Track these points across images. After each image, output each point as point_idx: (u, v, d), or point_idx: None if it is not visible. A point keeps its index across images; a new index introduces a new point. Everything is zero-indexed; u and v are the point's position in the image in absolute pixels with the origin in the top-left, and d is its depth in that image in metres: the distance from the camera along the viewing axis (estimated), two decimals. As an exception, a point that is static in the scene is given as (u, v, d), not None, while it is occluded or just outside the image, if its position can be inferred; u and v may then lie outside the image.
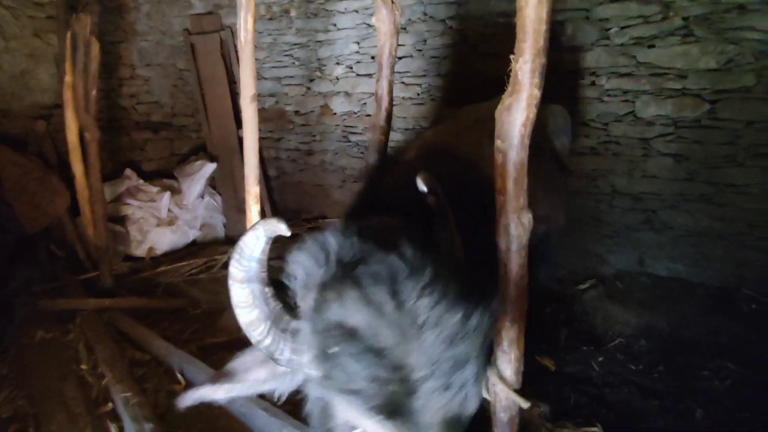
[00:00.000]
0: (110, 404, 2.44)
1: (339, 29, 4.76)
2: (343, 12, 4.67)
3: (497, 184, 1.39)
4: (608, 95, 3.51)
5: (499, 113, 1.34)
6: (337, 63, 4.90)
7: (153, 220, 4.64)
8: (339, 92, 4.95)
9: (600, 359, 2.90)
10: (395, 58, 1.80)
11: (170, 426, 2.34)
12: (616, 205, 3.64)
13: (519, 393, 1.50)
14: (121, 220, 4.59)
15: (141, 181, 4.83)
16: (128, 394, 2.31)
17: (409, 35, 4.32)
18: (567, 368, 2.80)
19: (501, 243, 1.43)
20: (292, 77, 5.27)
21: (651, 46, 3.30)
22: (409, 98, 4.46)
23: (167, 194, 4.73)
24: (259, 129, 5.70)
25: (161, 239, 4.61)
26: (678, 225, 3.44)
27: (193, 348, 3.09)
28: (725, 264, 3.30)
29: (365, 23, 4.54)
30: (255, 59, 5.41)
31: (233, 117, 5.32)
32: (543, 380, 2.67)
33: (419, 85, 4.38)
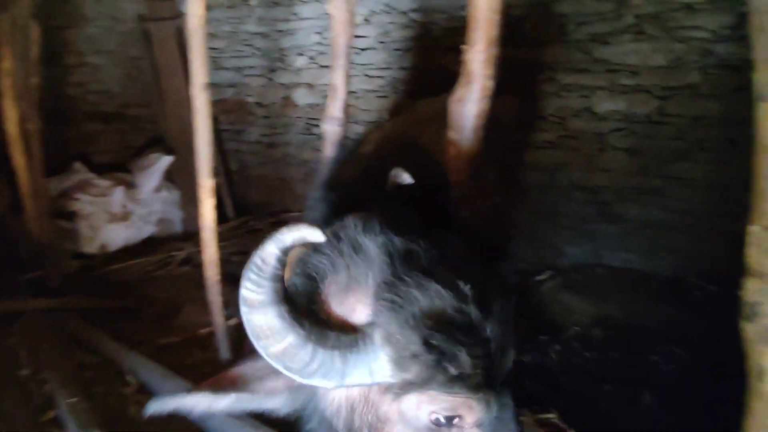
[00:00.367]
0: (54, 411, 2.30)
1: (301, 19, 4.66)
2: (305, 1, 4.57)
3: (452, 176, 1.38)
4: (565, 90, 3.59)
5: (452, 104, 1.33)
6: (300, 54, 4.80)
7: (105, 216, 4.42)
8: (301, 84, 4.86)
9: (557, 348, 2.98)
10: (351, 48, 1.76)
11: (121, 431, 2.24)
12: (574, 198, 3.74)
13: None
14: (70, 216, 4.34)
15: (91, 175, 4.59)
16: (74, 400, 2.19)
17: (372, 27, 4.28)
18: (525, 357, 2.86)
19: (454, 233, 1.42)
20: (253, 68, 5.12)
21: (606, 43, 3.40)
22: (373, 91, 4.43)
23: (120, 188, 4.52)
24: (220, 121, 5.61)
25: (114, 235, 4.40)
26: (631, 217, 3.58)
27: (147, 349, 2.96)
28: (675, 254, 3.46)
29: (327, 13, 4.46)
30: (214, 48, 5.25)
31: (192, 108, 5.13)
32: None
33: (382, 78, 4.35)
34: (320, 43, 4.62)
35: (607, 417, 2.47)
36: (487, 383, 0.94)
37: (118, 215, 4.49)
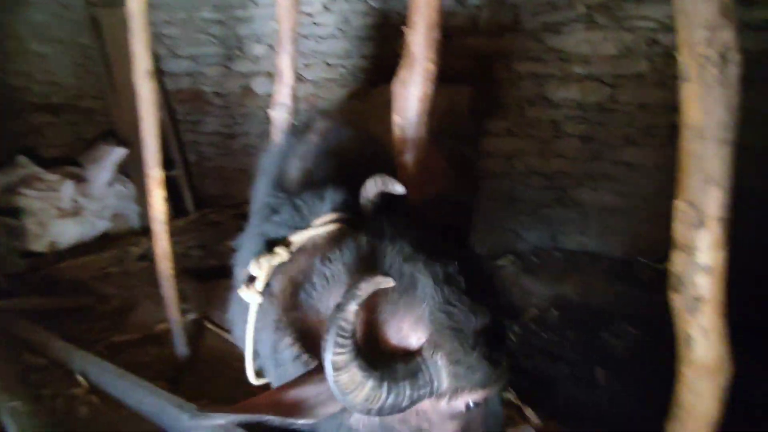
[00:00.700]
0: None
1: (258, 5, 4.55)
2: (262, -13, 4.47)
3: (396, 160, 1.39)
4: (522, 79, 3.66)
5: (396, 87, 1.33)
6: (258, 41, 4.69)
7: (54, 212, 4.22)
8: (260, 72, 4.76)
9: (516, 330, 3.06)
10: (296, 32, 1.73)
11: None
12: (531, 184, 3.83)
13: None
14: (16, 213, 4.12)
15: (38, 169, 4.36)
16: (16, 403, 2.09)
17: (332, 15, 4.22)
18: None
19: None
20: (210, 56, 4.98)
21: (559, 32, 3.48)
22: (333, 80, 4.38)
23: (69, 182, 4.32)
24: (176, 111, 5.42)
25: (64, 232, 4.21)
26: (585, 202, 3.70)
27: (101, 348, 2.87)
28: (625, 236, 3.61)
29: (285, 0, 4.37)
30: (168, 36, 5.05)
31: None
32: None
33: (343, 66, 4.31)
34: (278, 31, 4.53)
35: (563, 394, 2.56)
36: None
37: (69, 211, 4.29)
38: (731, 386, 1.20)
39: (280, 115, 1.75)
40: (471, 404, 1.06)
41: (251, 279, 1.23)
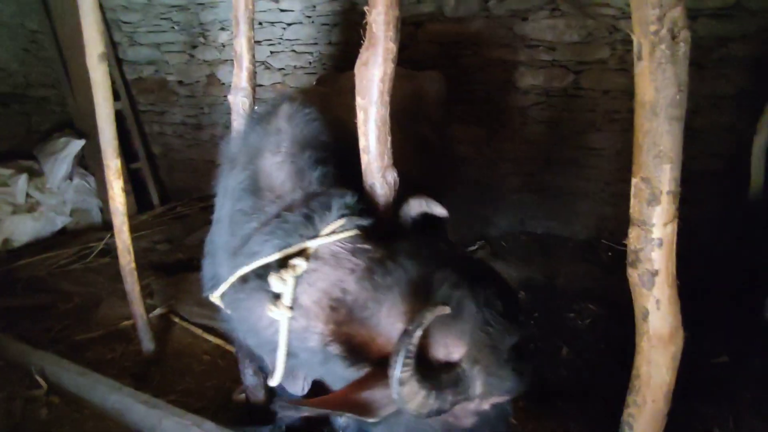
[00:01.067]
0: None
1: (221, -10, 4.41)
2: (225, -29, 4.33)
3: (360, 143, 1.38)
4: (489, 65, 3.68)
5: (358, 68, 1.31)
6: (222, 28, 4.56)
7: (8, 208, 4.02)
8: (226, 60, 4.63)
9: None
10: (253, 12, 1.68)
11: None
12: (499, 170, 3.89)
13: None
14: (-34, 209, 3.91)
15: (-12, 163, 4.14)
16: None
17: (298, 1, 4.14)
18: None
19: (367, 204, 1.43)
20: (173, 43, 4.80)
21: (525, 19, 3.51)
22: (301, 67, 4.31)
23: (23, 177, 4.11)
24: (139, 101, 5.22)
25: (20, 228, 4.02)
26: (552, 186, 3.78)
27: (62, 347, 2.76)
28: (589, 219, 3.72)
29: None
30: (128, 22, 4.85)
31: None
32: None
33: (310, 54, 4.24)
34: (243, 17, 4.40)
35: (534, 357, 2.63)
36: None
37: (24, 207, 4.10)
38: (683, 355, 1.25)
39: (240, 100, 1.70)
40: (496, 404, 1.22)
41: (276, 296, 1.25)
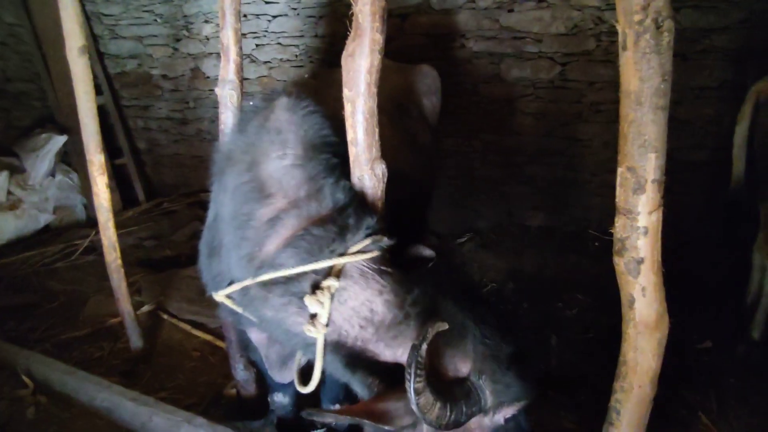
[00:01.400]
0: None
1: (205, -18, 4.33)
2: (208, -38, 4.25)
3: (348, 135, 1.37)
4: (477, 58, 3.69)
5: (344, 60, 1.30)
6: (206, 21, 4.48)
7: (-12, 205, 3.93)
8: (211, 53, 4.55)
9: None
10: (239, 3, 1.65)
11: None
12: (488, 162, 3.91)
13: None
14: (-56, 208, 3.82)
15: (-33, 160, 4.04)
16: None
17: (282, -8, 4.08)
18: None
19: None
20: (156, 36, 4.71)
21: (511, 11, 3.51)
22: (287, 60, 4.26)
23: (4, 174, 4.02)
24: (122, 96, 5.12)
25: (2, 227, 3.93)
26: (539, 177, 3.81)
27: (48, 346, 2.73)
28: (575, 209, 3.76)
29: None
30: (109, 15, 4.75)
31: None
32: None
33: (296, 46, 4.20)
34: (228, 9, 4.34)
35: (534, 362, 2.66)
36: None
37: (5, 204, 4.01)
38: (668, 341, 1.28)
39: (228, 93, 1.68)
40: (508, 416, 1.31)
41: (312, 316, 1.31)
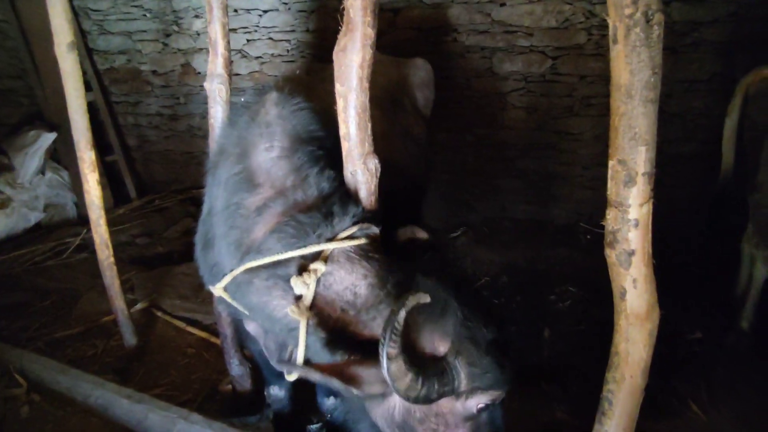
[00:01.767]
0: None
1: (194, -24, 4.28)
2: (197, -44, 4.20)
3: (340, 130, 1.37)
4: (468, 52, 3.68)
5: (336, 55, 1.30)
6: (196, 16, 4.43)
7: (-23, 204, 3.88)
8: (201, 49, 4.51)
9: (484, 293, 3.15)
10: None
11: (11, 432, 2.04)
12: (480, 156, 3.92)
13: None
14: (-68, 207, 3.76)
15: (-46, 158, 3.98)
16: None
17: (273, -14, 4.05)
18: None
19: (349, 191, 1.42)
20: (145, 31, 4.65)
21: (503, 5, 3.51)
22: (279, 55, 4.23)
23: (-8, 172, 3.97)
24: (111, 92, 5.06)
25: (-9, 225, 3.89)
26: (531, 171, 3.83)
27: (41, 344, 2.71)
28: (567, 203, 3.79)
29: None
30: (97, 10, 4.69)
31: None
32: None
33: (288, 41, 4.17)
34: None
35: (514, 355, 2.68)
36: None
37: (-6, 203, 3.96)
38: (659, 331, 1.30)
39: (216, 87, 1.67)
40: (481, 406, 1.29)
41: (298, 297, 1.34)
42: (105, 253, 2.36)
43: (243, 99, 1.73)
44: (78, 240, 3.88)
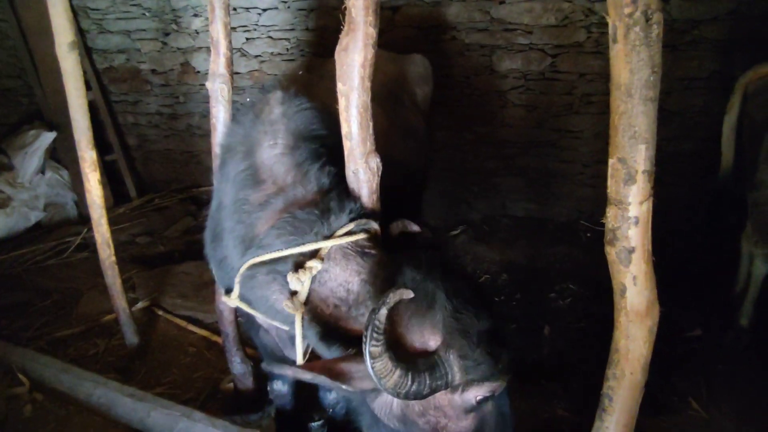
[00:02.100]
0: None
1: (193, -25, 4.28)
2: (196, -46, 4.20)
3: (342, 129, 1.37)
4: (468, 50, 3.69)
5: (338, 54, 1.30)
6: (195, 14, 4.42)
7: (-23, 204, 3.88)
8: (200, 48, 4.50)
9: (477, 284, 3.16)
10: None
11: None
12: (480, 154, 3.92)
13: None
14: (-68, 207, 3.76)
15: (-46, 158, 3.98)
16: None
17: (272, -15, 4.04)
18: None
19: (352, 189, 1.43)
20: (144, 30, 4.64)
21: (502, 3, 3.51)
22: (278, 54, 4.23)
23: (-8, 171, 3.97)
24: (111, 91, 5.06)
25: (-8, 225, 3.89)
26: (531, 169, 3.84)
27: (42, 343, 2.72)
28: (568, 201, 3.80)
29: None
30: (96, 9, 4.68)
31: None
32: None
33: (287, 40, 4.17)
34: (217, 3, 4.28)
35: (514, 352, 2.69)
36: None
37: (-5, 202, 3.97)
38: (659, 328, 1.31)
39: (219, 87, 1.67)
40: (480, 398, 1.27)
41: (293, 293, 1.36)
42: (106, 252, 2.37)
43: (248, 99, 1.76)
44: (78, 239, 3.89)
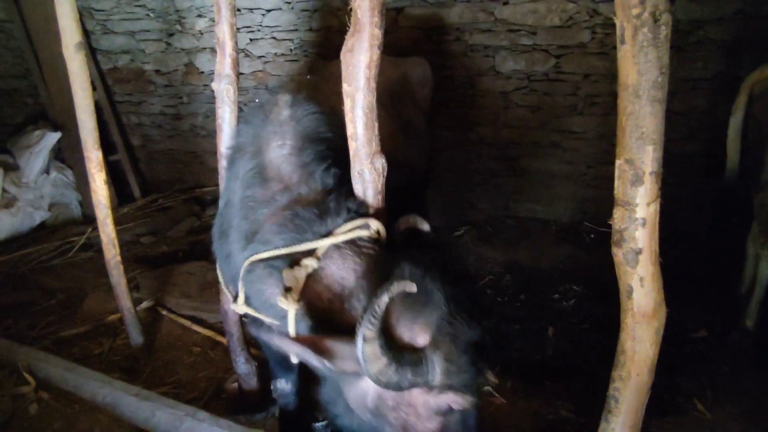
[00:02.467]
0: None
1: (197, -24, 4.29)
2: (200, -45, 4.21)
3: (348, 130, 1.38)
4: (471, 50, 3.68)
5: (344, 56, 1.30)
6: (199, 15, 4.44)
7: (-17, 204, 3.90)
8: (204, 48, 4.52)
9: (474, 296, 3.17)
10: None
11: None
12: (483, 155, 3.92)
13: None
14: (-62, 207, 3.78)
15: (-41, 158, 4.00)
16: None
17: (276, -15, 4.05)
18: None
19: (357, 190, 1.43)
20: (149, 31, 4.66)
21: (506, 3, 3.51)
22: (282, 54, 4.24)
23: (-2, 171, 3.99)
24: (115, 92, 5.08)
25: (-3, 225, 3.91)
26: (534, 170, 3.83)
27: (47, 343, 2.73)
28: (571, 202, 3.79)
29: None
30: (101, 10, 4.70)
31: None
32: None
33: (291, 41, 4.17)
34: (221, 3, 4.29)
35: (518, 353, 2.70)
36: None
37: (0, 202, 3.98)
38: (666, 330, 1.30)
39: (225, 88, 1.68)
40: (454, 405, 1.27)
41: (287, 289, 1.37)
42: (112, 252, 2.38)
43: (257, 100, 1.79)
44: (83, 239, 3.90)
